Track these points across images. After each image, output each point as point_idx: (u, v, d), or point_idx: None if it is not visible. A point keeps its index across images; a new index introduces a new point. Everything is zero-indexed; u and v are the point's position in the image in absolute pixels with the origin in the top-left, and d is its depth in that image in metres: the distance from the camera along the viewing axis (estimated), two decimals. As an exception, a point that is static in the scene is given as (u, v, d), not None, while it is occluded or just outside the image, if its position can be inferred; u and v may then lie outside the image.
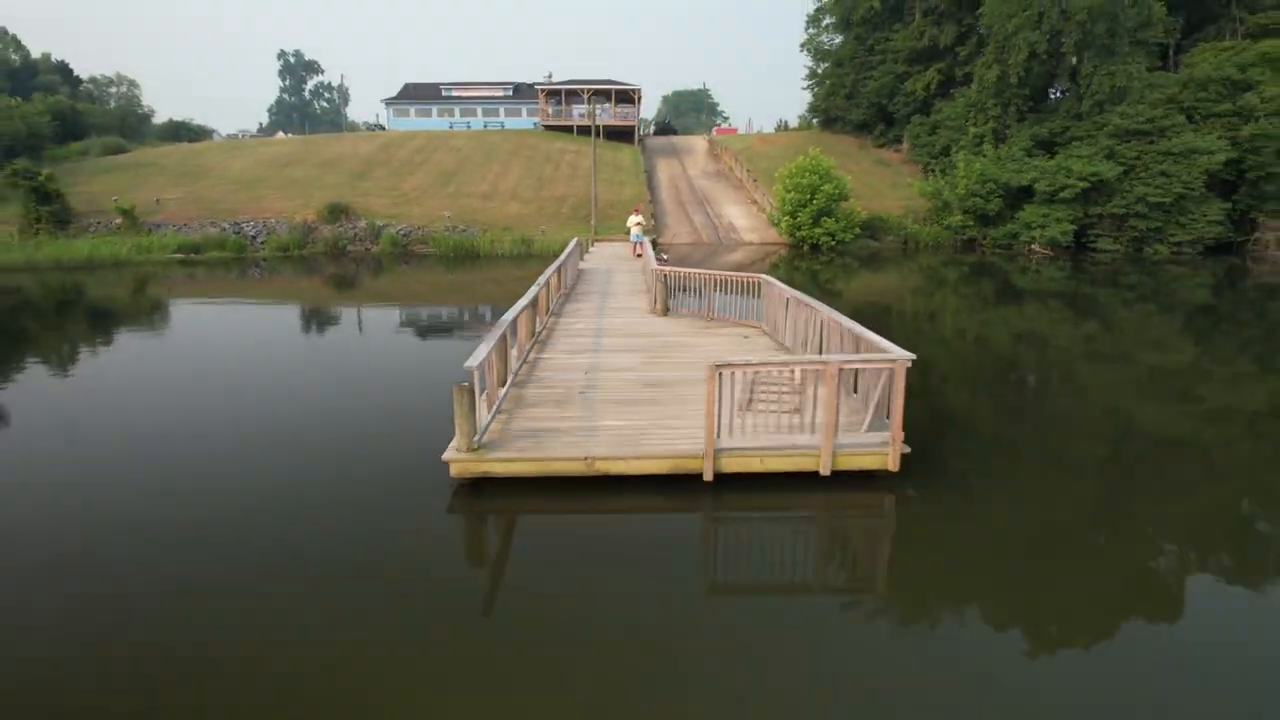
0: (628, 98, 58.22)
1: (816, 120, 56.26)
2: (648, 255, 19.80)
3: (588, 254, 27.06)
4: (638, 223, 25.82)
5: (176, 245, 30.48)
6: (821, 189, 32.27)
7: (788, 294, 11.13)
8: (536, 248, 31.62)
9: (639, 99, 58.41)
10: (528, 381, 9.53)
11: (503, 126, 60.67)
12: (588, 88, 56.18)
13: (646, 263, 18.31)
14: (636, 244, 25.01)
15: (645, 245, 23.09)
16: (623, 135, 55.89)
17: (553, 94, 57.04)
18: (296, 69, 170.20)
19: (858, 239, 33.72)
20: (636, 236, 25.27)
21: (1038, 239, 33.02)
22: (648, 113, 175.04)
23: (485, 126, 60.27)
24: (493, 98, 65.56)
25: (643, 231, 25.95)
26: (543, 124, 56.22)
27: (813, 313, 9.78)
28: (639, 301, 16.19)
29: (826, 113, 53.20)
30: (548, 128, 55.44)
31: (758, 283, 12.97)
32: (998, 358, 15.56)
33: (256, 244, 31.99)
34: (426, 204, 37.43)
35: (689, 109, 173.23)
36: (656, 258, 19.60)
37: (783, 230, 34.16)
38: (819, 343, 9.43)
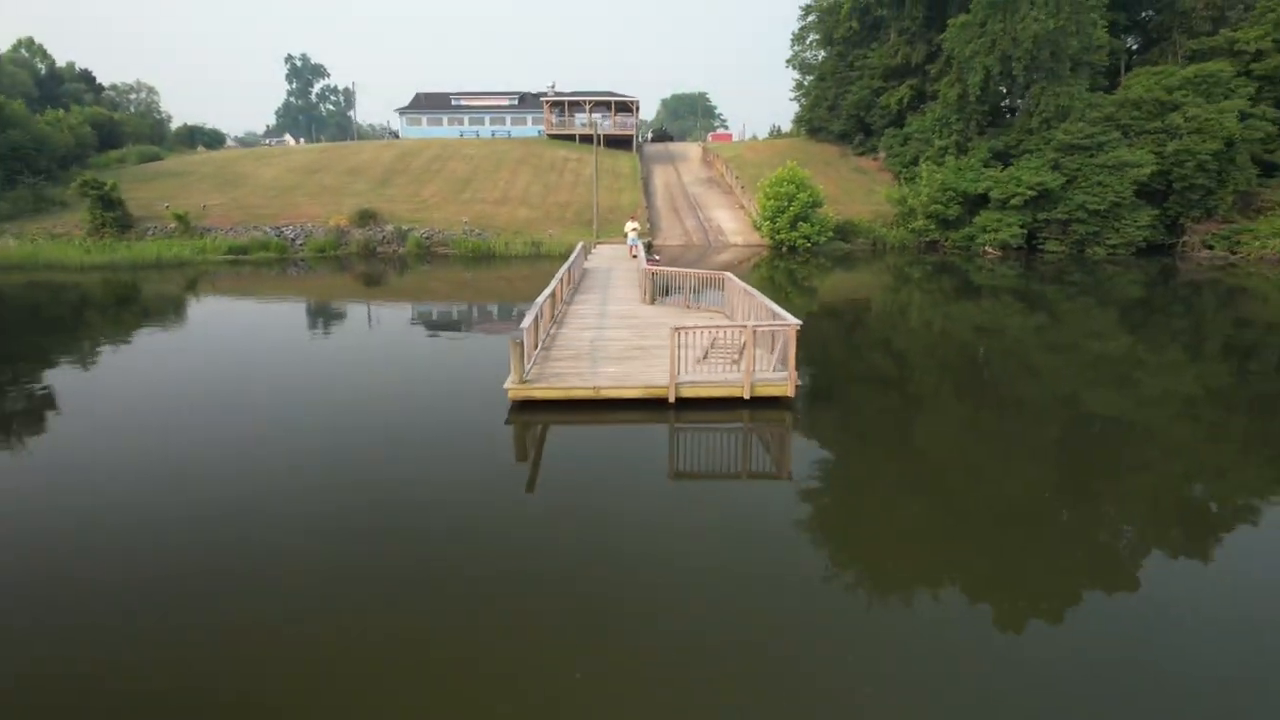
0: (626, 108, 62.27)
1: (803, 129, 60.32)
2: (641, 257, 23.87)
3: (591, 255, 31.08)
4: (634, 228, 29.87)
5: (227, 247, 34.57)
6: (797, 197, 36.35)
7: (740, 286, 15.18)
8: (545, 249, 35.73)
9: (637, 109, 62.48)
10: (551, 346, 13.59)
11: (509, 135, 64.74)
12: (589, 99, 60.27)
13: (640, 263, 22.38)
14: (633, 246, 29.04)
15: (639, 248, 27.17)
16: (622, 143, 59.95)
17: (556, 105, 61.10)
18: (303, 72, 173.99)
19: (830, 241, 37.81)
20: (633, 240, 29.30)
21: (991, 241, 37.09)
22: (647, 114, 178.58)
23: (493, 135, 64.34)
24: (499, 107, 69.63)
25: (638, 236, 29.97)
26: (547, 133, 60.30)
27: (753, 299, 13.83)
28: (633, 294, 20.23)
29: (811, 123, 57.27)
30: (552, 136, 59.52)
31: (722, 279, 17.03)
32: (923, 333, 19.64)
33: (296, 246, 36.08)
34: (445, 209, 41.52)
35: (687, 112, 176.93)
36: (649, 259, 23.67)
37: (764, 234, 38.26)
38: (755, 318, 13.49)
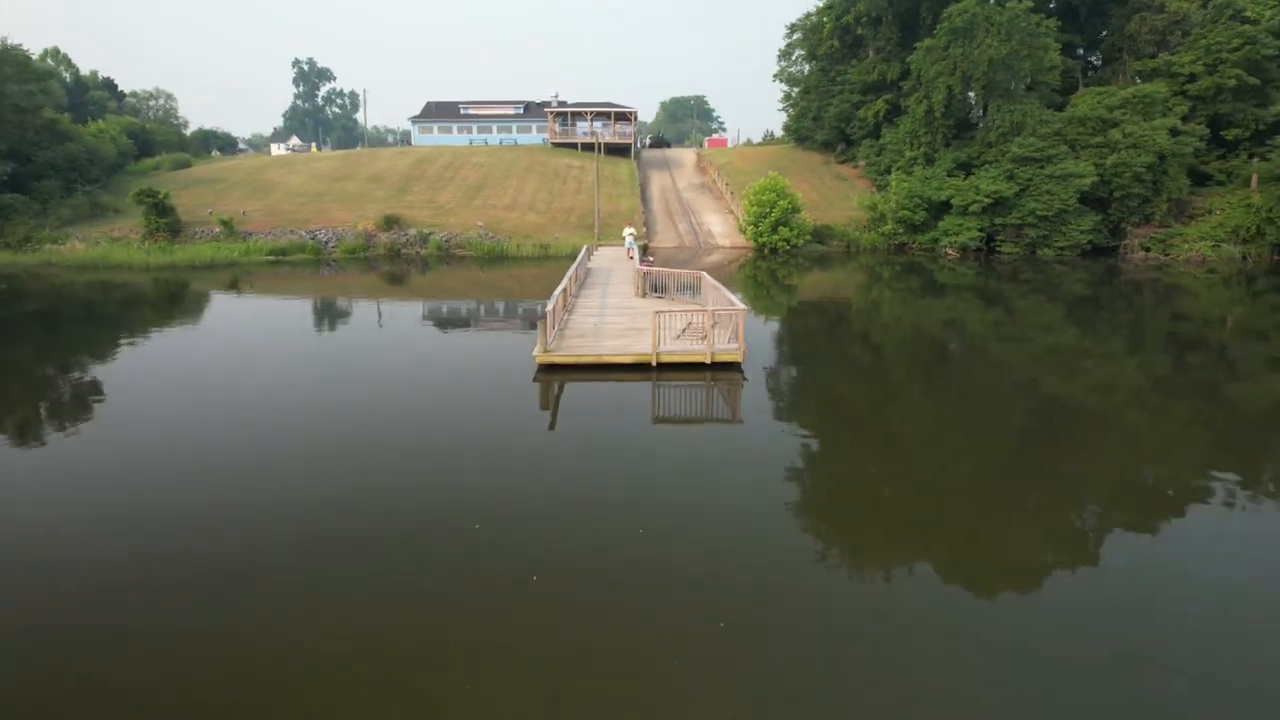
0: (625, 118, 66.49)
1: (791, 138, 64.54)
2: (636, 258, 28.10)
3: (593, 257, 35.29)
4: (631, 233, 34.09)
5: (269, 250, 38.83)
6: (778, 204, 40.59)
7: (711, 283, 19.40)
8: (552, 251, 39.99)
9: (635, 119, 66.71)
10: (565, 327, 17.83)
11: (515, 142, 68.96)
12: (590, 109, 64.52)
13: (634, 264, 26.62)
14: (630, 249, 33.23)
15: (635, 250, 31.41)
16: (621, 151, 64.15)
17: (560, 115, 65.33)
18: (310, 76, 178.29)
19: (808, 243, 42.05)
20: (630, 244, 33.50)
21: (953, 244, 41.33)
22: (647, 115, 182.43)
23: (501, 142, 68.58)
24: (505, 116, 73.86)
25: (635, 240, 34.17)
26: (551, 141, 64.53)
27: (719, 293, 18.06)
28: (629, 289, 24.43)
29: (797, 132, 61.51)
30: (556, 145, 63.74)
31: (699, 277, 21.26)
32: (882, 320, 23.89)
33: (329, 248, 40.32)
34: (460, 214, 45.75)
35: (686, 115, 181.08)
36: (643, 260, 27.90)
37: (748, 237, 42.51)
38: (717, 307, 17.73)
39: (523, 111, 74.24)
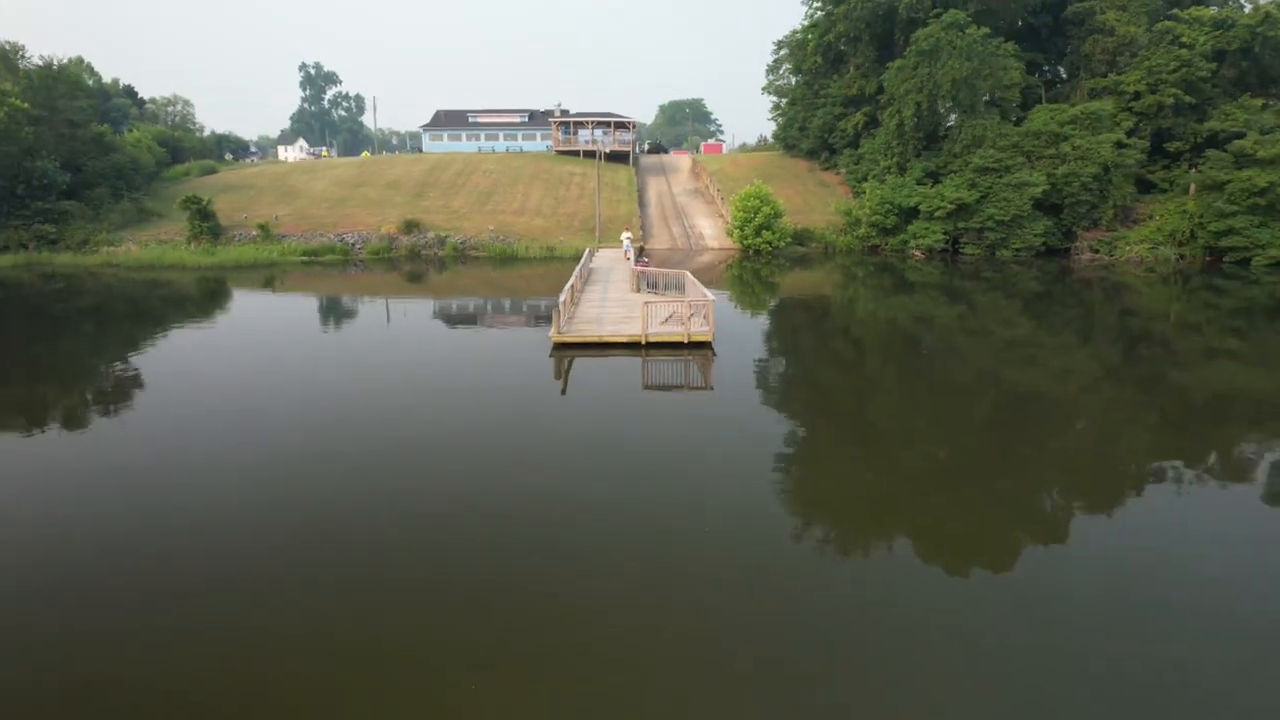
0: (625, 126, 70.73)
1: (780, 146, 68.79)
2: (632, 259, 32.38)
3: (594, 258, 39.56)
4: (628, 236, 38.34)
5: (302, 251, 43.10)
6: (762, 210, 44.87)
7: (692, 280, 23.69)
8: (558, 253, 44.28)
9: (634, 127, 70.96)
10: (574, 315, 22.13)
11: (521, 149, 73.23)
12: (592, 119, 68.81)
13: (630, 264, 30.92)
14: (627, 251, 37.48)
15: (631, 252, 35.69)
16: (620, 158, 68.36)
17: (564, 124, 69.61)
18: (316, 80, 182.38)
19: (789, 245, 46.34)
20: (627, 246, 37.74)
21: (920, 245, 45.62)
22: (646, 117, 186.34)
23: (507, 149, 72.86)
24: (511, 124, 78.15)
25: (631, 242, 38.43)
26: (555, 149, 68.79)
27: (697, 288, 22.37)
28: (626, 286, 28.71)
29: (785, 141, 65.77)
30: (559, 152, 68.00)
31: (683, 275, 25.55)
32: (844, 311, 28.17)
33: (356, 250, 44.61)
34: (473, 219, 50.02)
35: (684, 118, 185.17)
36: (638, 261, 32.18)
37: (735, 239, 46.81)
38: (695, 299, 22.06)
39: (527, 119, 78.52)
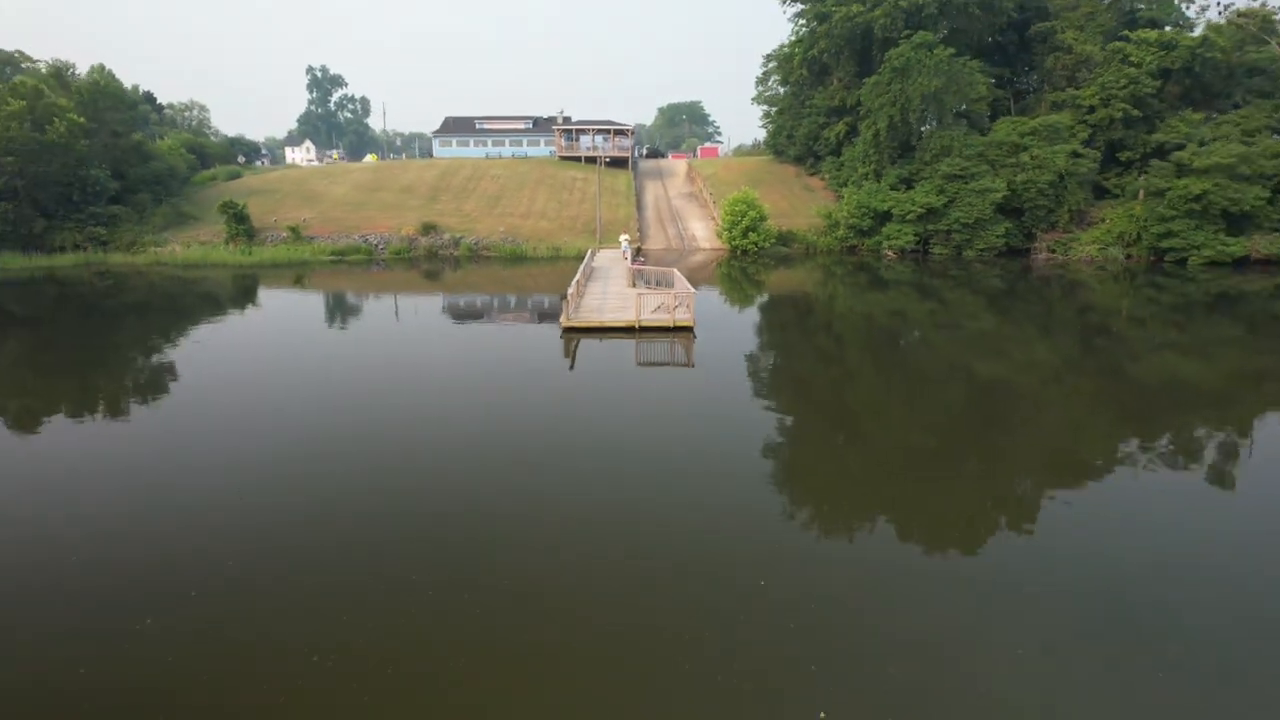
0: (624, 133, 75.04)
1: (770, 151, 73.09)
2: (629, 258, 36.69)
3: (596, 257, 43.86)
4: (626, 238, 42.60)
5: (331, 251, 47.41)
6: (748, 214, 49.19)
7: (679, 276, 28.02)
8: (562, 253, 48.61)
9: (633, 134, 75.24)
10: (579, 305, 26.47)
11: (526, 155, 77.52)
12: (593, 127, 73.10)
13: (628, 263, 35.27)
14: (625, 251, 41.76)
15: (629, 252, 39.98)
16: (620, 163, 72.68)
17: (566, 131, 73.91)
18: (323, 83, 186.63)
19: (773, 246, 50.66)
20: (625, 247, 42.02)
21: (893, 246, 49.93)
22: (645, 118, 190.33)
23: (512, 155, 77.14)
24: (516, 131, 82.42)
25: (629, 244, 42.71)
26: (559, 155, 73.07)
27: (682, 282, 26.70)
28: (624, 282, 33.02)
29: (775, 147, 70.09)
30: (562, 158, 72.29)
31: (671, 273, 29.88)
32: (820, 304, 32.46)
33: (379, 250, 48.92)
34: (484, 221, 54.34)
35: (682, 119, 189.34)
36: (635, 260, 36.48)
37: (724, 240, 51.13)
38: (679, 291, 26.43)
39: (531, 126, 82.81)
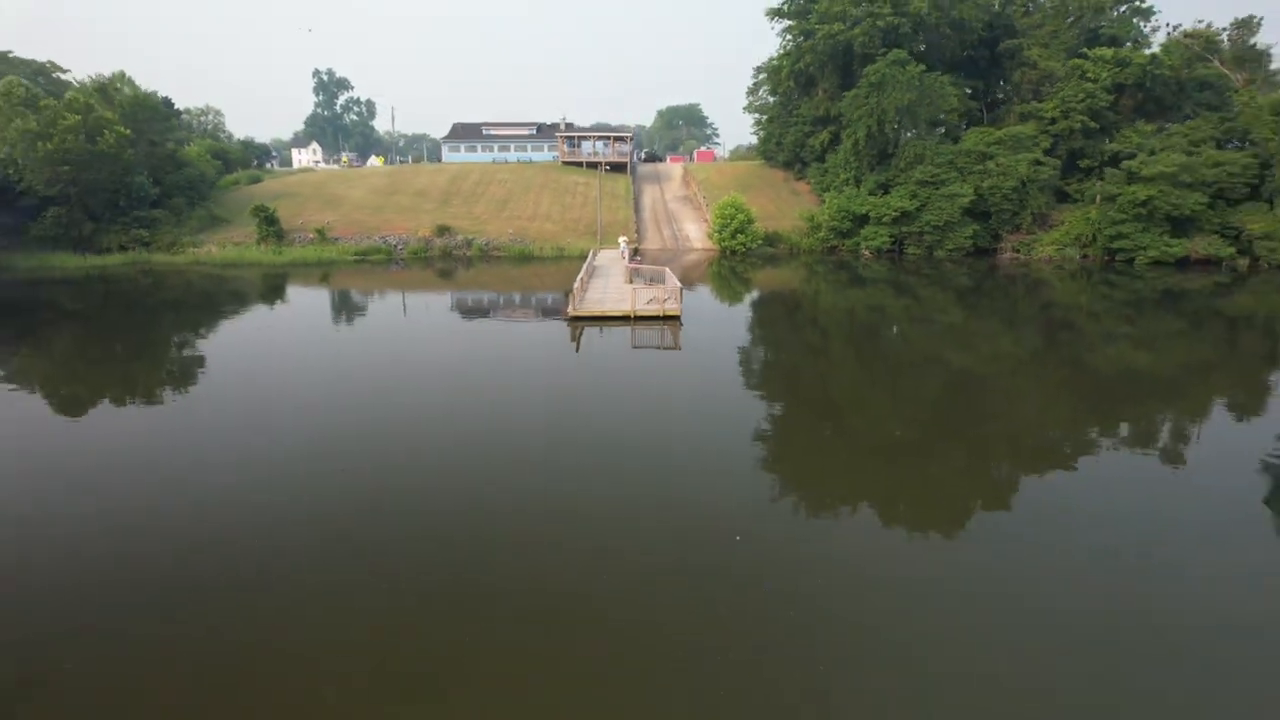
0: (623, 139, 79.34)
1: (761, 157, 77.38)
2: (626, 257, 41.09)
3: (597, 257, 48.20)
4: (624, 240, 47.01)
5: (354, 251, 51.74)
6: (736, 217, 53.54)
7: (669, 273, 32.37)
8: (566, 253, 52.96)
9: (632, 140, 79.52)
10: (583, 298, 30.81)
11: (530, 160, 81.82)
12: (594, 134, 77.42)
13: (625, 262, 39.65)
14: (623, 252, 46.12)
15: (627, 252, 44.37)
16: (619, 168, 76.97)
17: (569, 138, 78.22)
18: (329, 86, 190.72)
19: (760, 246, 55.01)
20: (623, 248, 46.39)
21: (870, 246, 54.27)
22: (645, 120, 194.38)
23: (518, 160, 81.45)
24: (521, 136, 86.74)
25: (627, 244, 47.08)
26: (561, 160, 77.35)
27: (671, 277, 31.04)
28: (621, 278, 37.35)
29: (765, 153, 74.38)
30: (565, 163, 76.58)
31: (662, 270, 34.22)
32: (787, 298, 36.81)
33: (398, 250, 53.25)
34: (493, 224, 58.66)
35: (681, 122, 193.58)
36: (632, 259, 40.84)
37: (714, 241, 55.49)
38: (668, 284, 30.79)
39: (535, 132, 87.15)
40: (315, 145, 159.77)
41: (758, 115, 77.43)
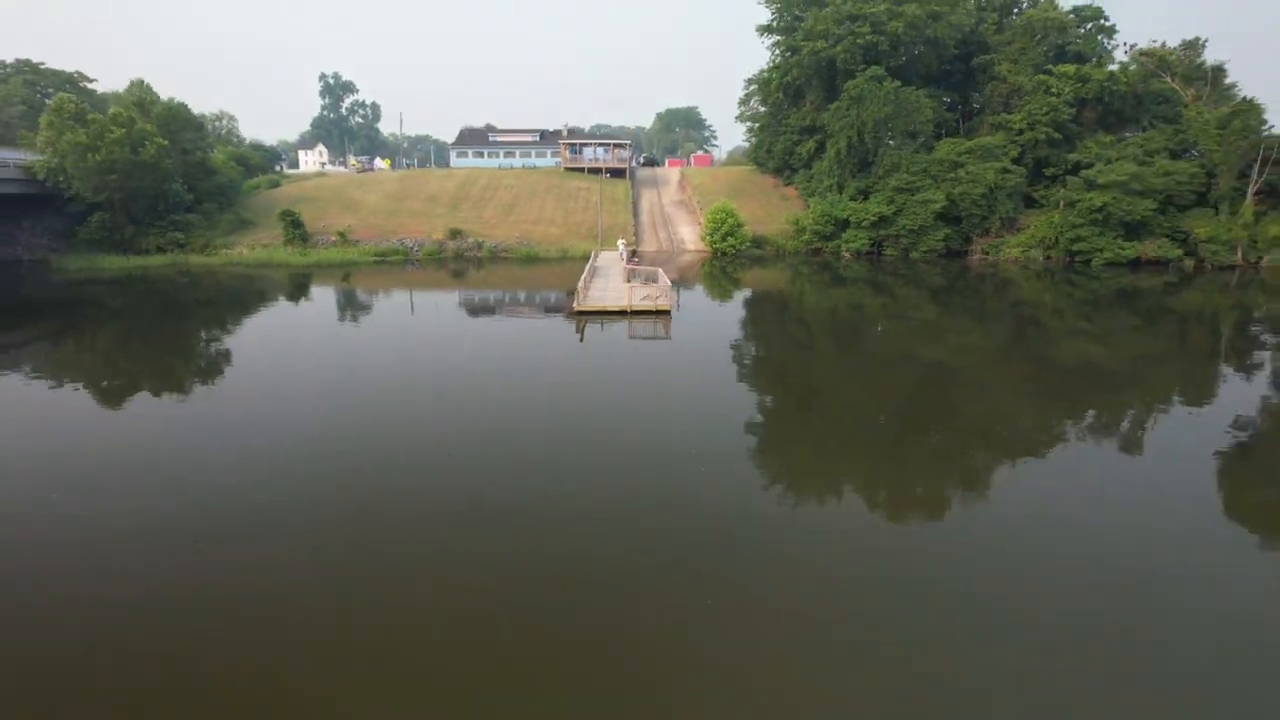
0: (623, 146, 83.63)
1: (753, 163, 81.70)
2: (625, 258, 45.45)
3: (599, 258, 52.51)
4: (622, 242, 51.33)
5: (374, 253, 56.04)
6: (727, 221, 57.88)
7: (661, 273, 36.71)
8: (569, 255, 57.29)
9: (631, 146, 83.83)
10: (586, 294, 35.12)
11: (534, 165, 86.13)
12: (595, 140, 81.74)
13: (623, 263, 44.01)
14: (621, 254, 50.43)
15: (625, 254, 48.73)
16: (619, 173, 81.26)
17: (571, 144, 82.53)
18: (335, 89, 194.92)
19: (749, 249, 59.36)
20: (622, 250, 50.69)
21: (850, 249, 58.61)
22: (645, 120, 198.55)
23: (522, 165, 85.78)
24: (525, 143, 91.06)
25: (625, 246, 51.37)
26: (564, 166, 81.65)
27: (664, 277, 35.38)
28: (620, 277, 41.64)
29: (756, 159, 78.70)
30: (567, 169, 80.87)
31: (657, 271, 38.55)
32: (776, 298, 41.14)
33: (414, 252, 57.56)
34: (500, 227, 62.96)
35: (679, 125, 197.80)
36: (630, 260, 45.20)
37: (706, 244, 59.85)
38: (661, 282, 35.14)
39: (539, 139, 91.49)
40: (321, 147, 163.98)
41: (750, 124, 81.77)
